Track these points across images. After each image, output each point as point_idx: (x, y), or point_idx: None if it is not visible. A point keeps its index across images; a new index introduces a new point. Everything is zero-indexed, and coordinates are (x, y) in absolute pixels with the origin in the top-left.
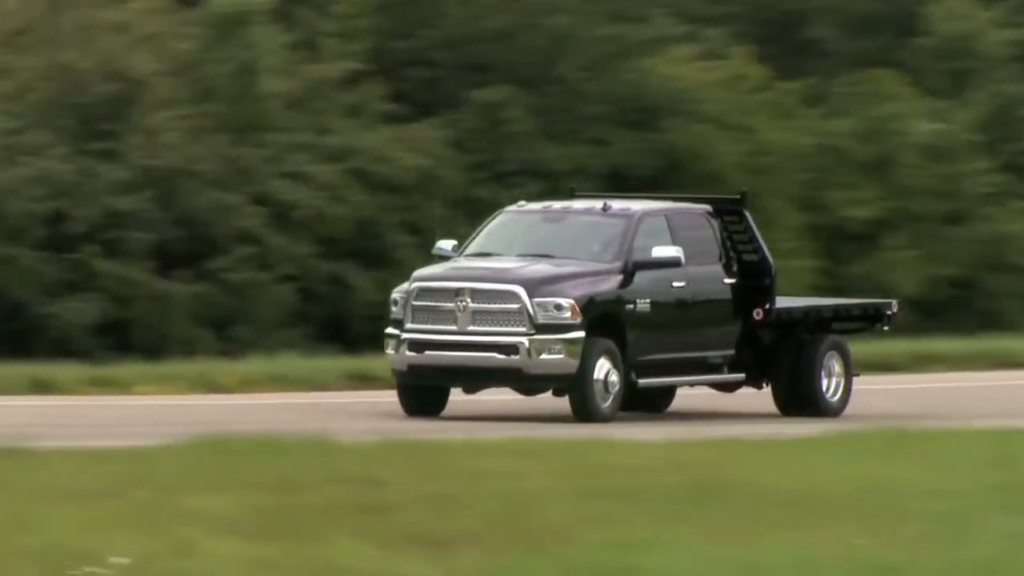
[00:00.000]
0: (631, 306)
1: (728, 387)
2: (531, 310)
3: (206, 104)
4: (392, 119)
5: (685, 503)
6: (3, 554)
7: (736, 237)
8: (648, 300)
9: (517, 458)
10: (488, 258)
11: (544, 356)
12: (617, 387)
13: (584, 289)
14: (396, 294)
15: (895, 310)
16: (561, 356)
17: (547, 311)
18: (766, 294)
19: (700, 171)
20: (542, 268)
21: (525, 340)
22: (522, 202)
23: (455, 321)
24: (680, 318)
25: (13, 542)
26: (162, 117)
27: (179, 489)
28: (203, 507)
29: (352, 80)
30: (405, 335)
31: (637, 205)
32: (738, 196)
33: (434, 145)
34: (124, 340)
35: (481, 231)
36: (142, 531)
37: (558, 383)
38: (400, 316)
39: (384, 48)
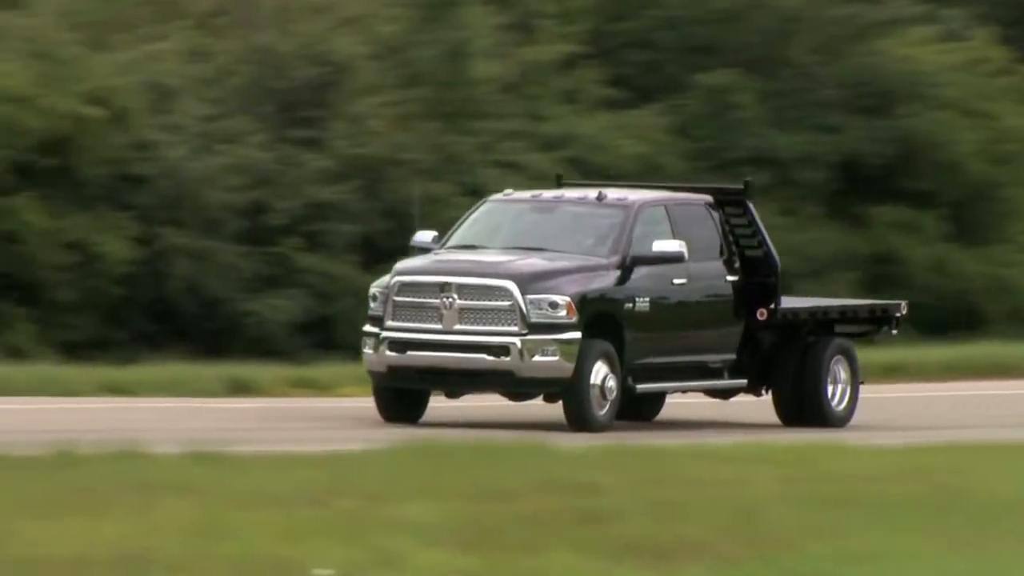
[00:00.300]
0: (629, 305)
1: (725, 394)
2: (524, 308)
3: (414, 89)
4: (611, 105)
5: (919, 512)
6: (199, 562)
7: (739, 231)
8: (647, 299)
9: (740, 464)
10: (474, 251)
11: (537, 358)
12: (615, 393)
13: (580, 286)
14: (375, 289)
15: (904, 312)
16: (556, 359)
17: (541, 309)
18: (771, 293)
19: (938, 160)
20: (535, 262)
21: (517, 340)
22: (509, 190)
23: (440, 319)
24: (680, 318)
25: (209, 550)
26: (367, 103)
27: (385, 496)
28: (410, 516)
29: (569, 63)
30: (385, 334)
31: (634, 195)
32: (741, 186)
33: (656, 132)
34: (327, 339)
35: (464, 221)
36: (346, 540)
37: (552, 388)
38: (379, 313)
39: (603, 30)
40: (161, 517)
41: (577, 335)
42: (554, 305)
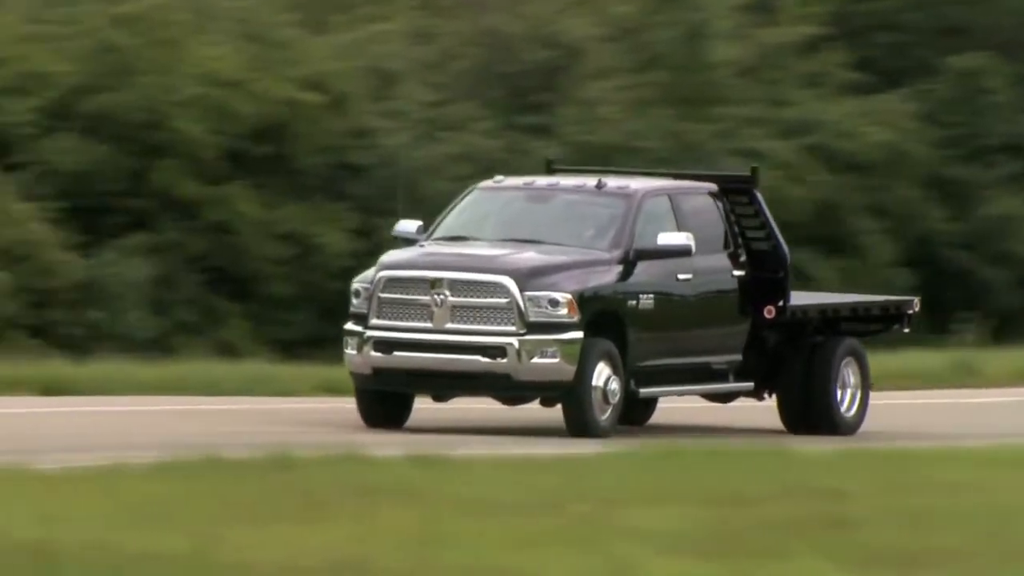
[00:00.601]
0: (633, 302)
1: (726, 398)
2: (522, 305)
3: (649, 73)
4: (856, 89)
5: None
6: (421, 571)
7: (744, 222)
8: (651, 296)
9: (988, 468)
10: (464, 243)
11: (536, 360)
12: (618, 396)
13: (581, 282)
14: (358, 284)
15: (916, 309)
16: (556, 360)
17: (540, 307)
18: (779, 289)
19: None
20: (533, 256)
21: (514, 341)
22: (499, 177)
23: (430, 317)
24: (685, 317)
25: (432, 559)
26: (599, 88)
27: (621, 502)
28: (647, 522)
29: (811, 46)
30: (369, 333)
31: (636, 183)
32: (748, 173)
33: (903, 118)
34: None
35: (451, 210)
36: (579, 548)
37: (551, 392)
38: (363, 310)
39: (847, 11)
40: (381, 523)
41: (579, 335)
42: (554, 303)
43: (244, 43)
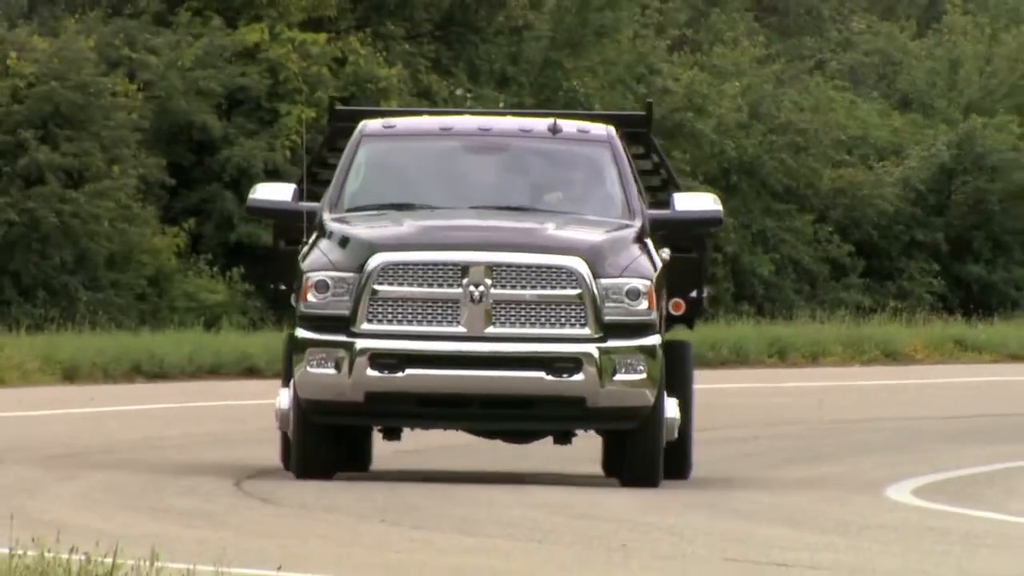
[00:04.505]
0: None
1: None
2: (597, 298)
3: None
4: None
5: None
6: None
7: (642, 180)
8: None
9: None
10: (447, 214)
11: (620, 377)
12: (677, 431)
13: (650, 264)
14: (324, 274)
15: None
16: (641, 377)
17: (616, 300)
18: (696, 274)
19: None
20: (591, 229)
21: (593, 350)
22: (391, 121)
23: (458, 318)
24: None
25: None
26: None
27: None
28: None
29: None
30: (364, 343)
31: (588, 126)
32: (641, 113)
33: None
34: None
35: (348, 170)
36: None
37: (626, 423)
38: (341, 311)
39: None
40: None
41: (659, 340)
42: (634, 294)
43: None
